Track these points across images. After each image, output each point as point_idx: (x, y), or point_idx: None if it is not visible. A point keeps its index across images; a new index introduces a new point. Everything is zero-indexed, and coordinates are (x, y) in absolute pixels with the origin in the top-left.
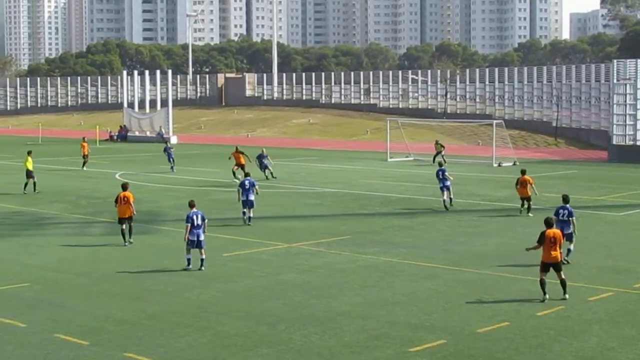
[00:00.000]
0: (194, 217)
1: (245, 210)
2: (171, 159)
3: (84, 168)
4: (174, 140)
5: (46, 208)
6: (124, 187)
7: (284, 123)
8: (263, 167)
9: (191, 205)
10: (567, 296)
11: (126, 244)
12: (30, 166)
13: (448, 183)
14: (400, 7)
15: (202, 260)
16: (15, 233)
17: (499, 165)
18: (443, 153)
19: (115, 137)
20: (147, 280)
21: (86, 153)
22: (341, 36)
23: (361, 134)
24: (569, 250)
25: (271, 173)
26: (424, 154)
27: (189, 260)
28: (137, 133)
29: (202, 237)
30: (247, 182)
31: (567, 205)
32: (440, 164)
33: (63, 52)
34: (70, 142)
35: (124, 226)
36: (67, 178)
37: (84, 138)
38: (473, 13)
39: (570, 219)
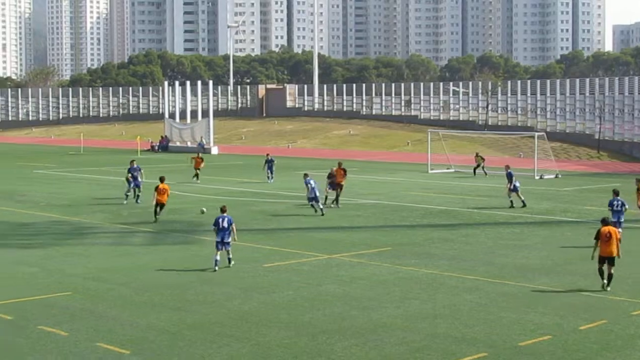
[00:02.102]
0: (220, 220)
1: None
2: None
3: (196, 179)
4: (214, 150)
5: (88, 217)
6: (162, 179)
7: (324, 134)
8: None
9: (222, 210)
10: (609, 288)
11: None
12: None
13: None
14: (441, 19)
15: (229, 259)
16: (57, 242)
17: (541, 178)
18: (483, 165)
19: (156, 148)
20: (187, 290)
21: (199, 167)
22: (382, 47)
23: (402, 145)
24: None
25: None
26: (465, 165)
27: (215, 261)
28: (178, 143)
29: (227, 239)
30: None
31: (619, 197)
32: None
33: (105, 63)
34: (112, 152)
35: (157, 208)
36: (109, 188)
37: (198, 153)
38: (515, 24)
39: (624, 208)
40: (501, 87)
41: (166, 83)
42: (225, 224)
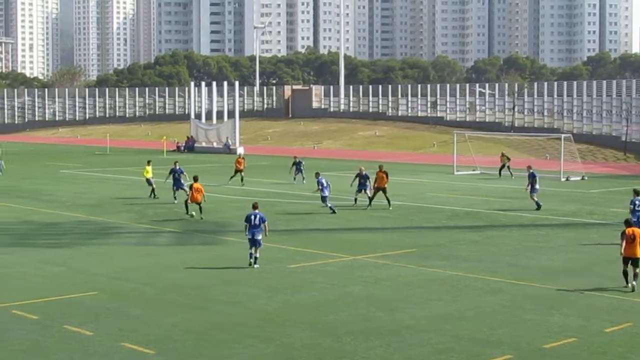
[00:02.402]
0: (252, 217)
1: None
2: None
3: (234, 181)
4: (240, 151)
5: (113, 217)
6: (195, 179)
7: (350, 135)
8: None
9: (254, 206)
10: (634, 283)
11: (192, 216)
12: (148, 175)
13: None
14: (468, 20)
15: (255, 258)
16: (82, 242)
17: (567, 180)
18: (509, 165)
19: (182, 148)
20: (212, 290)
21: (242, 168)
22: (408, 48)
23: (428, 146)
24: None
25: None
26: (490, 167)
27: (250, 254)
28: (204, 144)
29: (258, 237)
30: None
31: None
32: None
33: (131, 63)
34: (138, 152)
35: (196, 206)
36: (134, 188)
37: (240, 154)
38: (542, 26)
39: None
40: (527, 89)
41: (192, 83)
42: (257, 221)
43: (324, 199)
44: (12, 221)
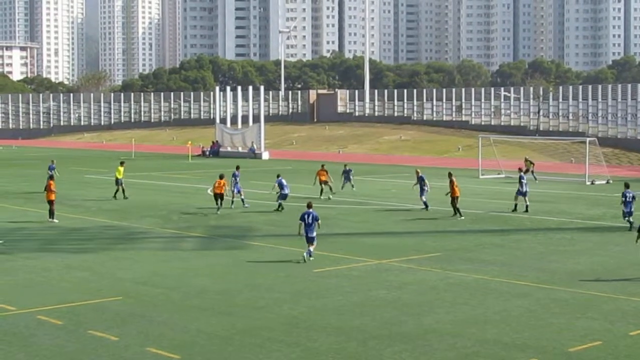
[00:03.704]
0: (306, 216)
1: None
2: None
3: (322, 197)
4: (265, 156)
5: (138, 222)
6: (221, 176)
7: (375, 139)
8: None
9: (308, 206)
10: None
11: (218, 212)
12: (120, 176)
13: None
14: (493, 24)
15: (309, 251)
16: (107, 247)
17: (592, 184)
18: (533, 170)
19: (207, 153)
20: (237, 295)
21: (325, 180)
22: (433, 52)
23: (453, 150)
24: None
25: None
26: (515, 171)
27: (309, 252)
28: (229, 149)
29: (312, 234)
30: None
31: (630, 190)
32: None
33: (156, 68)
34: (163, 157)
35: (218, 201)
36: (159, 193)
37: (322, 165)
38: (567, 30)
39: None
40: (552, 93)
41: (217, 88)
42: (310, 220)
43: (283, 196)
44: (37, 227)
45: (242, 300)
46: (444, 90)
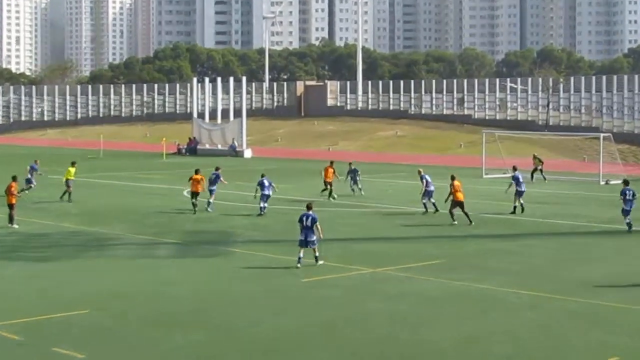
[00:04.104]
0: (304, 218)
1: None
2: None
3: (331, 199)
4: (247, 154)
5: (108, 228)
6: (197, 171)
7: (369, 136)
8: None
9: (308, 207)
10: None
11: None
12: (71, 177)
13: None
14: (498, 9)
15: (315, 257)
16: (74, 255)
17: (607, 183)
18: (542, 168)
19: (183, 150)
20: (216, 308)
21: (330, 180)
22: (433, 40)
23: (454, 147)
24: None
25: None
26: (523, 170)
27: (299, 258)
28: (207, 146)
29: (310, 238)
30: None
31: (629, 187)
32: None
33: (128, 57)
34: (135, 156)
35: (194, 200)
36: (130, 195)
37: (331, 162)
38: (578, 15)
39: (634, 197)
40: (563, 84)
41: (195, 79)
42: (309, 223)
43: (265, 197)
44: None
45: (222, 314)
46: (445, 81)
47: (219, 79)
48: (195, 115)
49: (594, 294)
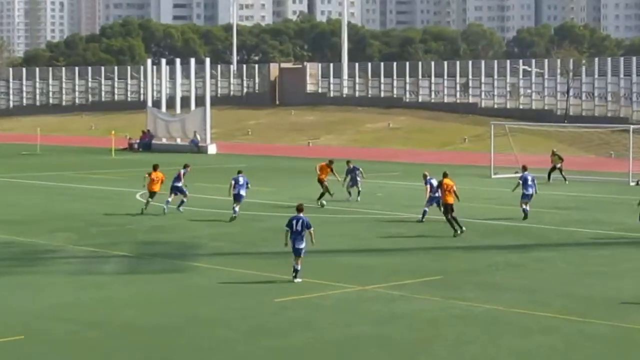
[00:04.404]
0: (294, 222)
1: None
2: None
3: (319, 203)
4: (212, 149)
5: (46, 238)
6: (155, 167)
7: (356, 128)
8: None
9: (298, 209)
10: None
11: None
12: None
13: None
14: None
15: (297, 270)
16: (5, 270)
17: (637, 184)
18: (561, 167)
19: (135, 146)
20: (175, 333)
21: (324, 178)
22: (431, 15)
23: (457, 142)
24: None
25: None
26: (539, 168)
27: (294, 267)
28: (164, 140)
29: (300, 245)
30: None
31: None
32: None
33: (69, 35)
34: (78, 152)
35: (150, 199)
36: (73, 199)
37: (330, 161)
38: None
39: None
40: (586, 67)
41: (149, 61)
42: (300, 227)
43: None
44: None
45: (182, 340)
46: (445, 63)
47: (177, 61)
48: (149, 103)
49: (620, 315)
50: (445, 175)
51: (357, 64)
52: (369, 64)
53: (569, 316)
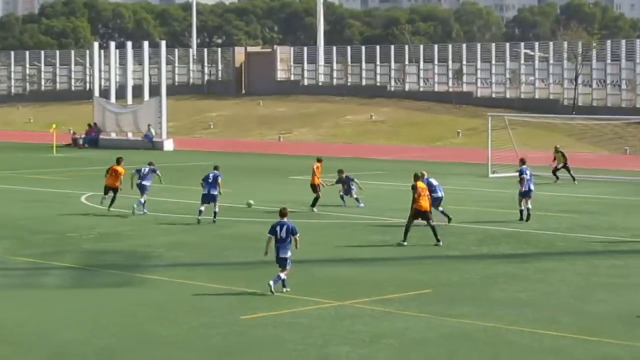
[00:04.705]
0: (278, 228)
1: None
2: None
3: (314, 209)
4: (168, 145)
5: None
6: (118, 161)
7: (333, 121)
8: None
9: (281, 213)
10: None
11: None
12: None
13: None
14: None
15: (283, 281)
16: None
17: None
18: (566, 164)
19: (81, 141)
20: (126, 355)
21: (317, 184)
22: None
23: (449, 137)
24: None
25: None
26: (542, 166)
27: (283, 281)
28: (113, 135)
29: (285, 255)
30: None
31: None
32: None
33: (4, 15)
34: (14, 148)
35: (106, 195)
36: (10, 203)
37: (319, 159)
38: None
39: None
40: (597, 50)
41: (96, 45)
42: (284, 234)
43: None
44: None
45: None
46: (436, 47)
47: (128, 44)
48: (96, 93)
49: (637, 334)
50: (417, 177)
51: (334, 48)
52: (349, 48)
53: (578, 335)
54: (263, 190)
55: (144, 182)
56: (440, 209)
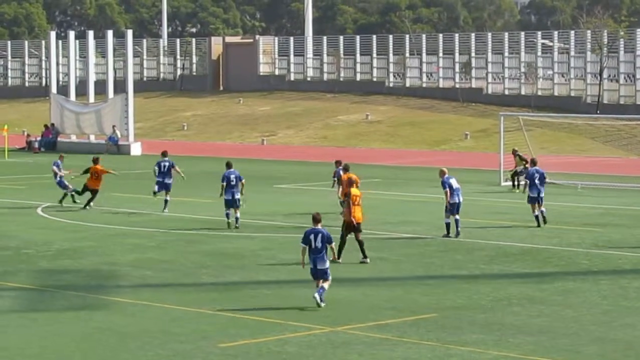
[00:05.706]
0: (312, 236)
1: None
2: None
3: None
4: (136, 149)
5: None
6: (95, 160)
7: (324, 121)
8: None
9: (315, 219)
10: None
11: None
12: None
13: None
14: None
15: (321, 291)
16: None
17: None
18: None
19: (36, 145)
20: None
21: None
22: None
23: (456, 139)
24: None
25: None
26: (563, 173)
27: (319, 292)
28: (74, 137)
29: (323, 266)
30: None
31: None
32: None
33: None
34: None
35: (89, 197)
36: None
37: (346, 167)
38: None
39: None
40: (625, 40)
41: (53, 34)
42: (319, 243)
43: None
44: None
45: None
46: (441, 36)
47: (90, 34)
48: (54, 90)
49: None
50: (350, 183)
51: (324, 38)
52: (341, 38)
53: None
54: (255, 201)
55: (166, 181)
56: (457, 217)
